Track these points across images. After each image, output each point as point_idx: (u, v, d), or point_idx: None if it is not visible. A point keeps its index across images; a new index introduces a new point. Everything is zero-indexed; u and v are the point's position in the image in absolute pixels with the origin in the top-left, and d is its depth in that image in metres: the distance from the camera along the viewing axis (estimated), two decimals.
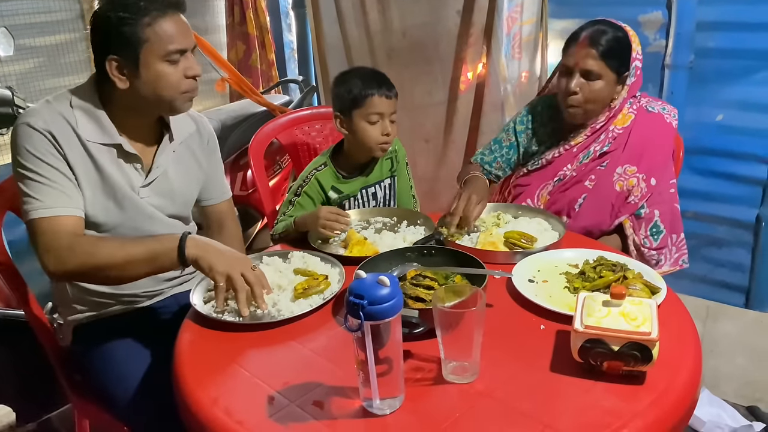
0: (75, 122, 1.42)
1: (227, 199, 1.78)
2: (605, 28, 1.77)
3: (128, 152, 1.48)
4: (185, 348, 1.24)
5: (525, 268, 1.43)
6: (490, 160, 2.04)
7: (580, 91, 1.77)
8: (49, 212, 1.37)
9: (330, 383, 1.09)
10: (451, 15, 2.56)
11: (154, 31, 1.37)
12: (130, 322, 1.58)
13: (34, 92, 2.83)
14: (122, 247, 1.37)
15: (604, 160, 1.85)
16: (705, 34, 2.36)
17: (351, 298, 0.95)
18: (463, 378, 1.07)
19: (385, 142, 1.78)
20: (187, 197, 1.65)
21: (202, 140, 1.67)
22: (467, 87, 2.64)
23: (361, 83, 1.75)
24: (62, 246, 1.35)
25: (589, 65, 1.75)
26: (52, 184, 1.38)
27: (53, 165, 1.38)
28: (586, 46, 1.75)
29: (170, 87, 1.41)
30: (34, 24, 2.85)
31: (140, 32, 1.36)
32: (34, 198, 1.37)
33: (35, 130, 1.38)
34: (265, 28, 3.69)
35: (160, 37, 1.37)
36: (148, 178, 1.53)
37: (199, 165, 1.67)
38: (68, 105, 1.43)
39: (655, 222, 1.82)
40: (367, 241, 1.61)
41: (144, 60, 1.38)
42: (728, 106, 2.39)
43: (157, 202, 1.55)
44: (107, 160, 1.46)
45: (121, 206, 1.49)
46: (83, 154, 1.43)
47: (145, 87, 1.40)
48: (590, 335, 1.03)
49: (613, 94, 1.82)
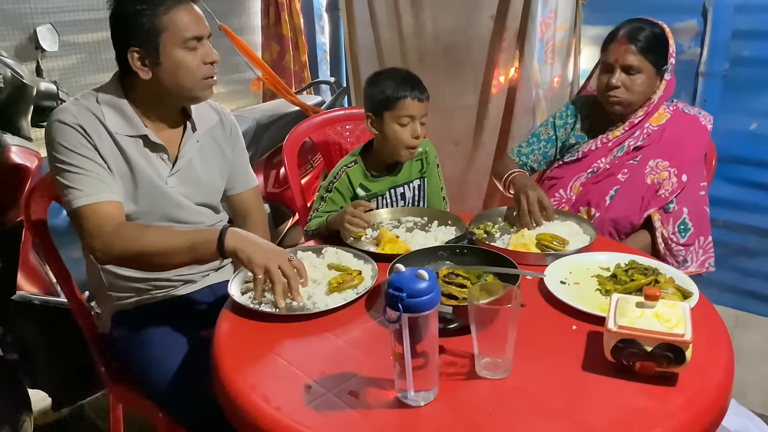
0: (102, 116, 1.49)
1: (252, 187, 1.82)
2: (642, 25, 1.83)
3: (154, 142, 1.54)
4: (224, 336, 1.27)
5: (557, 270, 1.44)
6: (527, 152, 2.08)
7: (622, 86, 1.83)
8: (91, 199, 1.43)
9: (365, 374, 1.11)
10: (485, 20, 2.58)
11: (171, 19, 1.44)
12: (168, 311, 1.63)
13: (77, 87, 2.91)
14: (165, 235, 1.42)
15: (638, 155, 1.89)
16: (740, 42, 2.35)
17: (390, 291, 0.97)
18: (495, 374, 1.09)
19: (414, 146, 1.79)
20: (213, 186, 1.70)
21: (225, 131, 1.73)
22: (499, 91, 2.66)
23: (394, 85, 1.76)
24: (108, 231, 1.42)
25: (630, 60, 1.81)
26: (88, 173, 1.45)
27: (87, 156, 1.45)
28: (625, 42, 1.81)
29: (190, 73, 1.48)
30: (78, 21, 2.93)
31: (158, 22, 1.43)
32: (74, 188, 1.43)
33: (66, 125, 1.45)
34: (299, 30, 3.74)
35: (177, 25, 1.44)
36: (174, 168, 1.59)
37: (223, 155, 1.72)
38: (95, 101, 1.51)
39: (683, 219, 1.84)
40: (398, 239, 1.63)
41: (164, 48, 1.45)
42: (762, 115, 2.38)
43: (185, 190, 1.61)
44: (134, 151, 1.52)
45: (149, 195, 1.55)
46: (112, 146, 1.49)
47: (167, 75, 1.47)
48: (623, 335, 1.04)
49: (653, 88, 1.87)
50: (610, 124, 1.93)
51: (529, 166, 2.08)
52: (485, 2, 2.55)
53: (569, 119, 2.04)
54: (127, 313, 1.65)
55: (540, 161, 2.08)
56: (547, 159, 2.08)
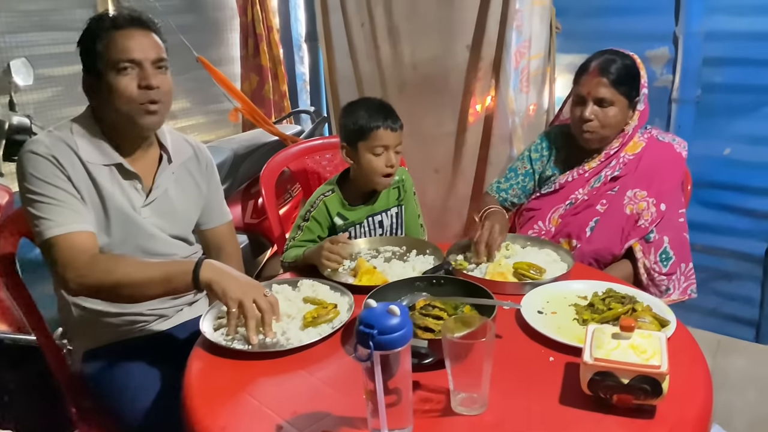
0: (76, 146, 1.48)
1: (226, 222, 1.80)
2: (614, 57, 1.83)
3: (128, 170, 1.53)
4: (194, 376, 1.24)
5: (534, 300, 1.43)
6: (506, 187, 2.07)
7: (595, 118, 1.83)
8: (64, 229, 1.40)
9: (338, 413, 1.09)
10: (461, 49, 2.60)
11: (113, 44, 1.43)
12: (141, 347, 1.59)
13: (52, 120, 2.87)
14: (139, 267, 1.40)
15: (615, 185, 1.88)
16: (711, 69, 2.40)
17: (361, 328, 0.95)
18: (471, 410, 1.07)
19: (389, 174, 1.79)
20: (187, 218, 1.68)
21: (200, 165, 1.71)
22: (476, 119, 2.67)
23: (366, 115, 1.76)
24: (82, 262, 1.39)
25: (602, 93, 1.81)
26: (60, 203, 1.42)
27: (60, 186, 1.43)
28: (597, 75, 1.81)
29: (124, 98, 1.44)
30: (54, 54, 2.92)
31: (102, 47, 1.43)
32: (46, 218, 1.41)
33: (39, 156, 1.43)
34: (278, 60, 3.76)
35: (115, 48, 1.43)
36: (148, 198, 1.57)
37: (198, 188, 1.70)
38: (69, 132, 1.50)
39: (664, 248, 1.83)
40: (376, 270, 1.62)
41: (104, 74, 1.44)
42: (735, 140, 2.41)
43: (158, 222, 1.59)
44: (108, 180, 1.51)
45: (122, 226, 1.52)
46: (85, 176, 1.48)
47: (106, 101, 1.46)
48: (600, 368, 1.03)
49: (626, 119, 1.87)
50: (585, 154, 1.93)
51: (510, 201, 2.07)
52: (461, 32, 2.58)
53: (544, 151, 2.03)
54: (99, 350, 1.61)
55: (520, 195, 2.07)
56: (527, 192, 2.07)
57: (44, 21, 2.90)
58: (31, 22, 2.86)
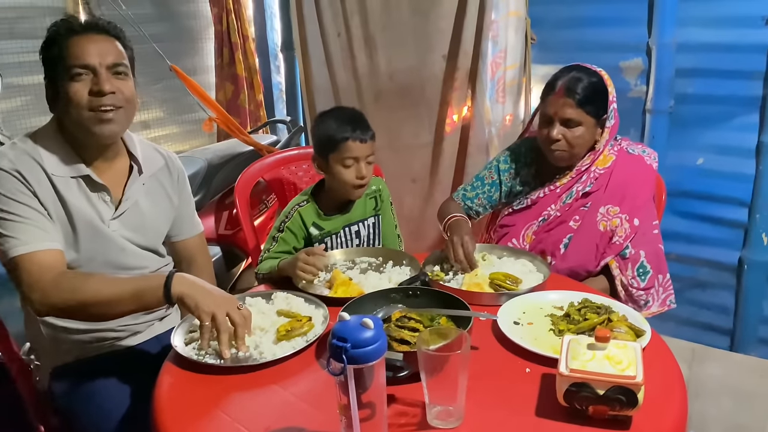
0: (41, 159, 1.43)
1: (198, 233, 1.78)
2: (580, 75, 1.80)
3: (96, 182, 1.48)
4: (165, 392, 1.21)
5: (510, 310, 1.42)
6: (471, 196, 2.05)
7: (562, 138, 1.81)
8: (29, 248, 1.36)
9: (312, 428, 1.07)
10: (437, 60, 2.61)
11: (68, 49, 1.39)
12: (111, 364, 1.55)
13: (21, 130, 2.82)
14: (108, 284, 1.36)
15: (587, 201, 1.87)
16: (684, 80, 2.43)
17: (334, 341, 0.93)
18: (447, 423, 1.05)
19: (360, 185, 1.77)
20: (157, 230, 1.65)
21: (171, 176, 1.68)
22: (453, 129, 2.68)
23: (335, 126, 1.74)
24: (47, 281, 1.34)
25: (568, 114, 1.78)
26: (26, 221, 1.38)
27: (25, 203, 1.39)
28: (563, 95, 1.78)
29: (75, 104, 1.40)
30: (23, 63, 2.87)
31: (57, 53, 1.39)
32: (11, 237, 1.36)
33: (3, 171, 1.39)
34: (254, 69, 3.74)
35: (68, 54, 1.39)
36: (118, 210, 1.53)
37: (169, 200, 1.67)
38: (33, 144, 1.45)
39: (641, 262, 1.83)
40: (351, 282, 1.60)
41: (60, 80, 1.40)
42: (708, 150, 2.44)
43: (128, 234, 1.55)
44: (75, 193, 1.46)
45: (91, 240, 1.48)
46: (51, 191, 1.43)
47: (61, 107, 1.43)
48: (575, 379, 1.02)
49: (594, 137, 1.85)
50: (557, 170, 1.91)
51: (474, 210, 2.05)
52: (437, 42, 2.58)
53: (514, 164, 2.01)
54: (68, 366, 1.57)
55: (485, 205, 2.05)
56: (492, 203, 2.05)
57: (12, 29, 2.86)
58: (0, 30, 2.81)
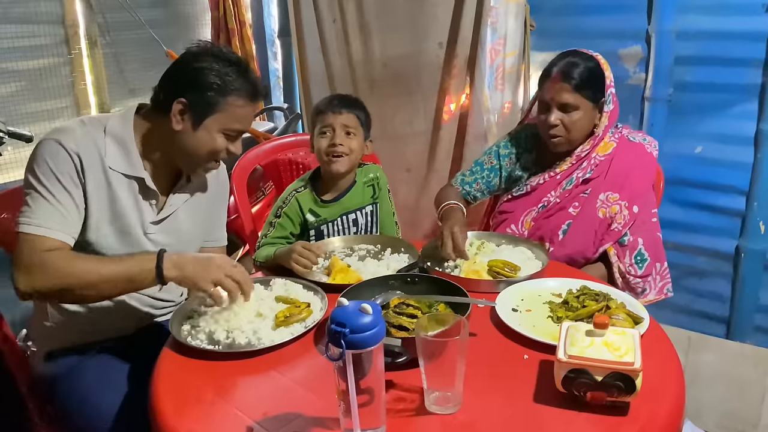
0: (104, 149, 1.43)
1: (222, 246, 1.79)
2: (576, 60, 1.80)
3: (148, 187, 1.49)
4: (163, 377, 1.21)
5: (509, 297, 1.42)
6: (470, 181, 2.05)
7: (560, 123, 1.81)
8: (38, 230, 1.34)
9: (310, 414, 1.07)
10: (433, 47, 2.59)
11: (233, 108, 1.44)
12: (106, 351, 1.55)
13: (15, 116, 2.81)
14: (98, 266, 1.35)
15: (587, 188, 1.87)
16: (683, 68, 2.42)
17: (332, 326, 0.93)
18: (445, 409, 1.05)
19: (331, 154, 1.78)
20: (192, 239, 1.65)
21: (218, 184, 1.70)
22: (450, 117, 2.66)
23: (320, 104, 1.83)
24: (33, 263, 1.32)
25: (565, 99, 1.79)
26: (56, 204, 1.36)
27: (67, 188, 1.38)
28: (559, 80, 1.79)
29: (210, 153, 1.48)
30: (18, 48, 2.85)
31: (221, 101, 1.43)
32: (32, 211, 1.35)
33: (64, 149, 1.37)
34: (251, 56, 3.71)
35: (233, 115, 1.45)
36: (159, 215, 1.53)
37: (209, 209, 1.68)
38: (102, 131, 1.44)
39: (639, 250, 1.83)
40: (350, 269, 1.60)
41: (209, 122, 1.44)
42: (707, 139, 2.43)
43: (163, 240, 1.55)
44: (125, 191, 1.47)
45: (126, 240, 1.48)
46: (103, 183, 1.43)
47: (193, 141, 1.45)
48: (573, 365, 1.02)
49: (594, 121, 1.85)
50: (556, 156, 1.91)
51: (472, 195, 2.05)
52: (434, 30, 2.56)
53: (514, 150, 2.01)
54: (63, 351, 1.56)
55: (483, 190, 2.05)
56: (491, 188, 2.05)
57: (8, 13, 2.83)
58: None
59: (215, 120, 1.44)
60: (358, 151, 1.82)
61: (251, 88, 1.47)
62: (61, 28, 3.08)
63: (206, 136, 1.45)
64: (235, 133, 1.49)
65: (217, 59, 1.44)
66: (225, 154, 1.50)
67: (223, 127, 1.46)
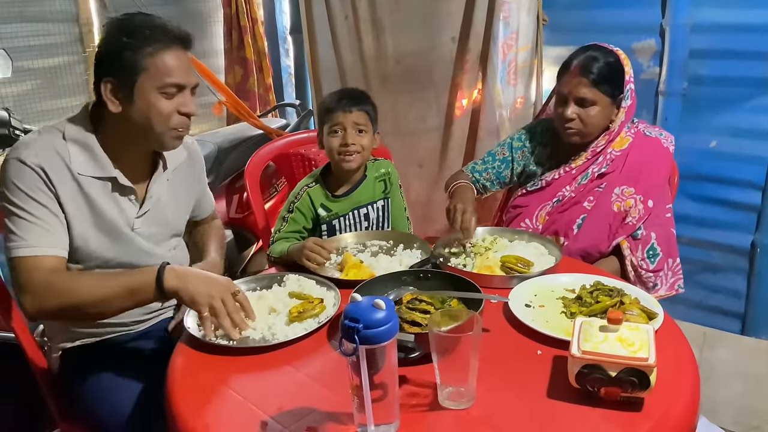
0: (68, 156, 1.40)
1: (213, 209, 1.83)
2: (596, 55, 1.79)
3: (123, 185, 1.47)
4: (178, 372, 1.22)
5: (522, 293, 1.42)
6: (480, 169, 2.05)
7: (576, 118, 1.80)
8: (30, 251, 1.34)
9: (324, 409, 1.07)
10: (446, 42, 2.58)
11: (155, 61, 1.36)
12: (122, 346, 1.56)
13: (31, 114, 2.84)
14: (100, 283, 1.35)
15: (602, 182, 1.86)
16: (698, 61, 2.40)
17: (346, 322, 0.94)
18: (459, 404, 1.06)
19: (343, 153, 1.78)
20: (179, 222, 1.66)
21: (195, 167, 1.70)
22: (462, 113, 2.65)
23: (329, 100, 1.82)
24: (39, 285, 1.33)
25: (583, 93, 1.78)
26: (37, 221, 1.36)
27: (41, 202, 1.37)
28: (577, 74, 1.78)
29: (161, 119, 1.40)
30: (33, 46, 2.88)
31: (141, 60, 1.36)
32: (18, 235, 1.35)
33: (26, 166, 1.35)
34: (263, 53, 3.72)
35: (159, 68, 1.37)
36: (141, 209, 1.52)
37: (190, 190, 1.69)
38: (61, 137, 1.42)
39: (651, 244, 1.82)
40: (363, 265, 1.60)
41: (140, 87, 1.37)
42: (721, 133, 2.41)
43: (151, 230, 1.55)
44: (100, 193, 1.44)
45: (114, 240, 1.48)
46: (75, 190, 1.41)
47: (137, 115, 1.39)
48: (587, 361, 1.02)
49: (610, 117, 1.84)
50: (572, 151, 1.91)
51: (482, 184, 2.05)
52: (446, 25, 2.55)
53: (528, 143, 2.01)
54: (80, 348, 1.57)
55: (493, 180, 2.05)
56: (501, 179, 2.05)
57: (23, 12, 2.86)
58: (9, 12, 2.82)
59: (144, 82, 1.37)
60: (369, 147, 1.83)
61: (165, 33, 1.38)
62: (75, 26, 3.11)
63: (144, 102, 1.38)
64: (173, 88, 1.39)
65: (121, 23, 1.38)
66: (182, 118, 1.42)
67: (156, 86, 1.37)
